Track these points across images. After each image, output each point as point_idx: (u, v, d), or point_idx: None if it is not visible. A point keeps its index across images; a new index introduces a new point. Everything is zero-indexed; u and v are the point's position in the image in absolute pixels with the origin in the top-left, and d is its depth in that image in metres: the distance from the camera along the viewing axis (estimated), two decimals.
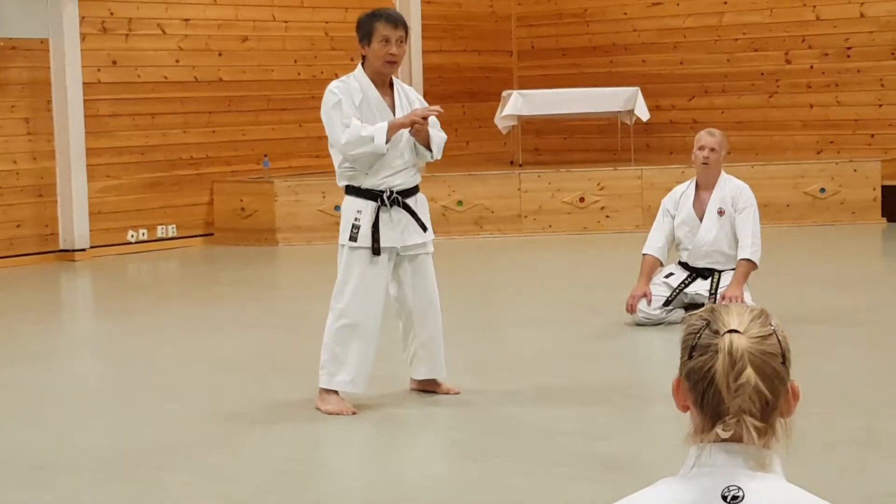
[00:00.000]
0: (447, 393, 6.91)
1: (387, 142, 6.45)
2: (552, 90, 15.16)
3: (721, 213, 8.62)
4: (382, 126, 6.44)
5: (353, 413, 6.54)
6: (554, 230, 14.00)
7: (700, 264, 8.72)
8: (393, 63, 6.62)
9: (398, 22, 6.67)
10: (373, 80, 6.62)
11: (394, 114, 6.64)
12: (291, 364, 7.77)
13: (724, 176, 8.74)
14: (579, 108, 14.84)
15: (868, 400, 6.67)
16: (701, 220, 8.69)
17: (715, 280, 8.65)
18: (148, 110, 13.63)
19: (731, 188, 8.69)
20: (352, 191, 6.65)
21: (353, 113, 6.51)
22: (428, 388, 6.95)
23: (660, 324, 8.61)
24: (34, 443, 6.23)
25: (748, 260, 8.50)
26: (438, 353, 6.88)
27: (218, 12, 14.17)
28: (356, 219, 6.57)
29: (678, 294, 8.69)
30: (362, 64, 6.66)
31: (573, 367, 7.63)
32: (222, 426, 6.44)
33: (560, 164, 14.92)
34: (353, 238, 6.58)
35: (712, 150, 8.62)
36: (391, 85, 6.73)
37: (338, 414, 6.53)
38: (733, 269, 8.56)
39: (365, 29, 6.61)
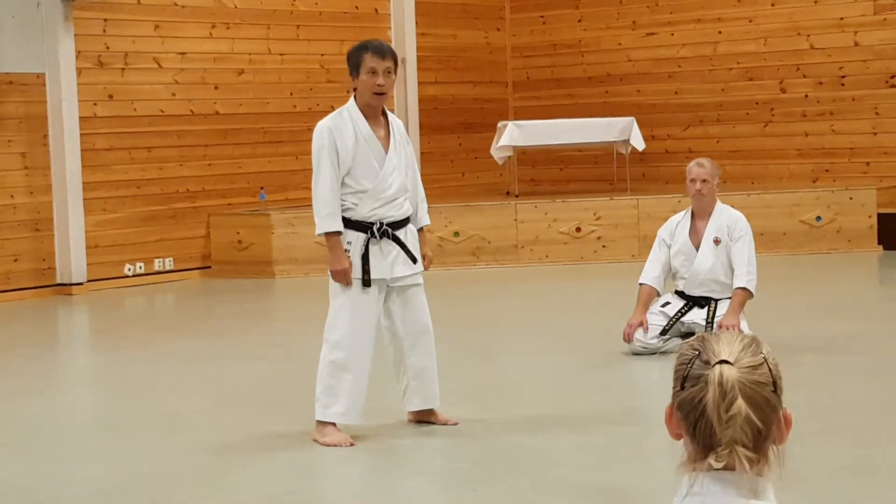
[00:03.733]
0: (444, 423, 6.90)
1: (320, 233, 6.58)
2: (547, 121, 15.19)
3: (717, 242, 8.64)
4: (325, 227, 6.53)
5: (351, 444, 6.54)
6: (550, 260, 14.01)
7: (696, 293, 8.73)
8: (381, 94, 6.62)
9: (385, 53, 6.65)
10: (364, 112, 6.64)
11: (385, 150, 6.65)
12: (289, 396, 7.77)
13: (719, 205, 8.77)
14: (575, 139, 14.87)
15: (864, 428, 6.67)
16: (697, 249, 8.71)
17: (711, 309, 8.67)
18: (144, 144, 13.65)
19: (727, 217, 8.71)
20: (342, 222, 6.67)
21: (337, 160, 6.53)
22: (424, 418, 6.94)
23: (657, 353, 8.61)
24: (32, 476, 6.22)
25: (744, 289, 8.52)
26: (432, 384, 6.87)
27: (214, 46, 14.21)
28: (346, 250, 6.58)
29: (675, 323, 8.70)
30: (354, 96, 6.69)
31: (570, 396, 7.63)
32: (220, 459, 6.44)
33: (556, 195, 14.95)
34: None
35: (704, 181, 8.65)
36: (384, 115, 6.77)
37: (335, 446, 6.52)
38: (729, 298, 8.57)
39: (354, 61, 6.64)
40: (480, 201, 14.59)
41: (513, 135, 14.50)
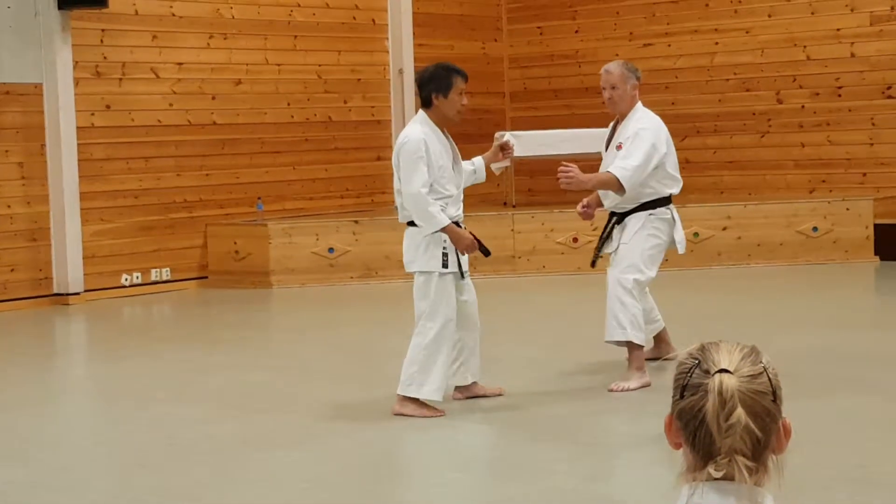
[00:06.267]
0: (493, 394, 7.78)
1: (437, 229, 7.28)
2: (545, 131, 15.21)
3: (619, 147, 8.24)
4: (442, 221, 7.26)
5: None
6: (548, 270, 14.01)
7: (606, 204, 8.39)
8: (462, 113, 7.53)
9: (467, 77, 7.60)
10: (437, 126, 7.39)
11: (451, 157, 7.48)
12: (286, 405, 7.77)
13: (637, 111, 8.33)
14: (572, 149, 14.85)
15: (862, 439, 6.67)
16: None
17: (611, 223, 8.32)
18: (142, 154, 13.66)
19: (635, 121, 8.26)
20: None
21: (428, 170, 7.30)
22: (474, 392, 7.67)
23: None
24: (29, 486, 6.22)
25: (610, 172, 8.04)
26: (477, 359, 7.71)
27: (211, 56, 14.22)
28: (444, 248, 7.29)
29: (605, 239, 8.43)
30: (426, 111, 7.41)
31: (567, 406, 7.62)
32: (216, 469, 6.44)
33: (553, 205, 14.96)
34: (445, 265, 7.34)
35: (613, 87, 8.27)
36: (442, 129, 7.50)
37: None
38: (638, 209, 8.19)
39: (444, 82, 7.43)
40: (478, 211, 14.57)
41: None
